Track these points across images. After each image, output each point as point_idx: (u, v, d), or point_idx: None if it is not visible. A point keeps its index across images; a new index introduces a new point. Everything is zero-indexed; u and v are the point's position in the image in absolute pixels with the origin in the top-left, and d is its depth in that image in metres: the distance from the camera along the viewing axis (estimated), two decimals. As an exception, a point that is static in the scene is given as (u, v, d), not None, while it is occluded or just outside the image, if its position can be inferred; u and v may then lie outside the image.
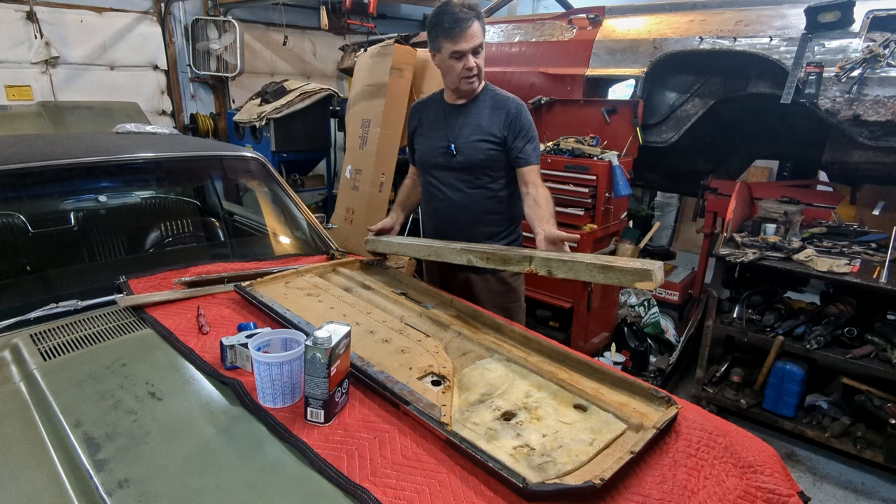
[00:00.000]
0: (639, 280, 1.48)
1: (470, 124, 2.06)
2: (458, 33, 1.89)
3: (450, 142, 2.07)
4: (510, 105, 2.04)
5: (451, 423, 1.19)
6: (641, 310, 4.09)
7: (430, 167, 2.17)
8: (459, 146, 2.06)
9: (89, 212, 2.36)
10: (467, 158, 2.06)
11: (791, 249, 2.82)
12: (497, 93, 2.10)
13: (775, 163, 5.41)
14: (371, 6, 5.39)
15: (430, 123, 2.17)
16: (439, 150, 2.11)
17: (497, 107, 2.05)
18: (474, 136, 2.04)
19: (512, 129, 2.02)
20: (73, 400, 1.25)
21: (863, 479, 2.77)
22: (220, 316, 1.69)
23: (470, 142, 2.05)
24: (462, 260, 1.88)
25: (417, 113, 2.23)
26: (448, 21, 1.89)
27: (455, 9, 1.88)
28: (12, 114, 3.39)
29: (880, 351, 2.66)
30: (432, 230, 2.27)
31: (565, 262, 1.60)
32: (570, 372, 1.47)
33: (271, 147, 4.95)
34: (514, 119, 2.02)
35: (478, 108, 2.07)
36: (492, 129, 2.03)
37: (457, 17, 1.87)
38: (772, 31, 3.08)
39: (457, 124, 2.08)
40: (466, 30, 1.88)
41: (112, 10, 5.25)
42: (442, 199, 2.16)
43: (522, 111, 2.05)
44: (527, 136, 2.04)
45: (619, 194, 3.37)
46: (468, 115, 2.07)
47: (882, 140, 2.77)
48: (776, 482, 1.20)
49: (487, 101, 2.07)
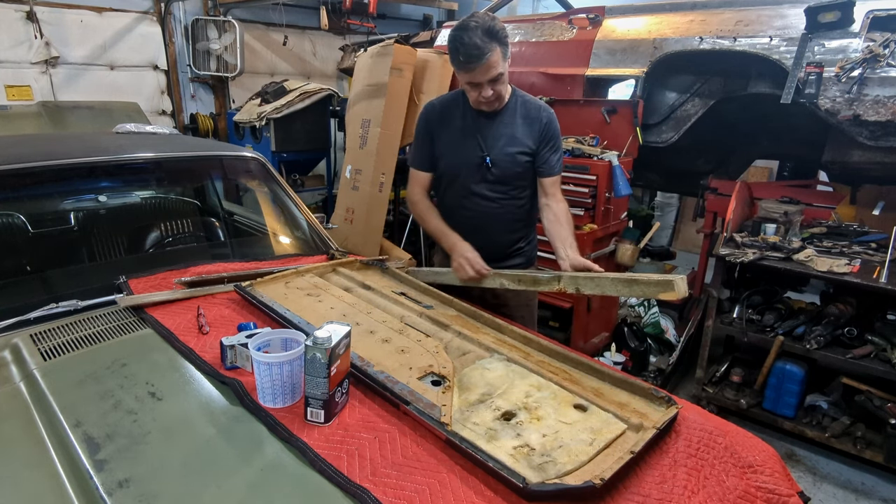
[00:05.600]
0: (662, 291, 1.55)
1: (504, 135, 1.99)
2: (472, 69, 1.81)
3: (484, 153, 2.00)
4: (543, 115, 2.01)
5: (451, 423, 1.19)
6: (641, 310, 4.10)
7: (461, 177, 2.08)
8: (495, 158, 1.99)
9: (89, 212, 2.36)
10: (504, 171, 2.01)
11: (791, 249, 2.82)
12: (527, 100, 2.04)
13: (775, 163, 5.41)
14: (371, 6, 5.40)
15: (455, 130, 2.05)
16: (473, 161, 2.02)
17: (529, 116, 2.00)
18: (511, 147, 1.99)
19: (543, 138, 1.99)
20: (73, 400, 1.26)
21: (863, 479, 2.77)
22: (220, 316, 1.69)
23: (507, 154, 1.99)
24: (496, 284, 1.93)
25: (437, 115, 2.10)
26: (462, 55, 1.79)
27: (470, 42, 1.76)
28: (12, 114, 3.39)
29: (880, 351, 2.65)
30: None
31: (592, 279, 1.73)
32: (570, 372, 1.47)
33: (271, 147, 4.95)
34: (546, 128, 1.99)
35: (509, 116, 2.00)
36: (527, 140, 1.99)
37: (470, 53, 1.77)
38: (772, 31, 3.08)
39: (490, 134, 2.00)
40: (481, 65, 1.79)
41: (112, 10, 5.26)
42: (473, 208, 2.09)
43: (553, 120, 2.02)
44: (554, 146, 2.01)
45: (619, 194, 3.37)
46: (500, 125, 2.00)
47: (882, 140, 2.77)
48: (776, 482, 1.20)
49: (518, 108, 2.01)
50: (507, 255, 2.16)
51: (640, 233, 4.12)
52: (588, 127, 3.73)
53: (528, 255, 2.21)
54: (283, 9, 5.73)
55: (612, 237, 3.67)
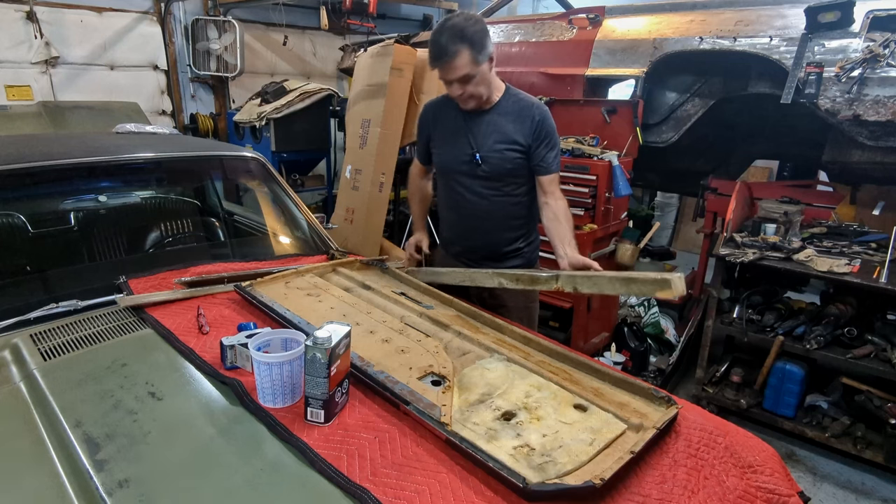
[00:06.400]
0: (659, 289, 1.55)
1: (494, 132, 2.00)
2: (440, 65, 1.85)
3: (474, 150, 2.01)
4: (535, 112, 1.99)
5: (451, 423, 1.19)
6: (641, 310, 4.09)
7: (454, 174, 2.11)
8: (485, 155, 2.00)
9: (89, 212, 2.36)
10: (494, 168, 2.01)
11: (791, 249, 2.82)
12: (520, 98, 2.03)
13: (775, 163, 5.41)
14: (371, 6, 5.40)
15: (448, 128, 2.09)
16: (463, 158, 2.04)
17: (521, 113, 2.00)
18: (500, 144, 1.99)
19: (536, 136, 1.98)
20: (73, 400, 1.25)
21: (863, 479, 2.77)
22: (220, 316, 1.69)
23: (496, 150, 2.00)
24: (494, 283, 1.93)
25: (432, 114, 2.16)
26: (433, 51, 1.84)
27: (436, 42, 1.82)
28: (12, 114, 3.39)
29: (880, 351, 2.65)
30: (454, 236, 2.24)
31: (589, 277, 1.73)
32: (570, 372, 1.47)
33: (271, 147, 4.95)
34: (539, 126, 1.98)
35: (500, 114, 2.01)
36: (517, 137, 1.98)
37: (441, 49, 1.81)
38: (772, 31, 3.08)
39: (480, 132, 2.01)
40: (448, 63, 1.82)
41: (112, 10, 5.25)
42: (466, 205, 2.11)
43: (546, 118, 2.00)
44: (549, 143, 2.00)
45: (619, 194, 3.37)
46: (491, 123, 2.01)
47: (882, 140, 2.77)
48: (776, 482, 1.20)
49: (510, 106, 2.01)
50: (505, 254, 2.15)
51: (640, 233, 4.13)
52: (588, 127, 3.73)
53: (527, 257, 2.19)
54: (283, 9, 5.73)
55: (612, 237, 3.67)
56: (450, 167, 2.12)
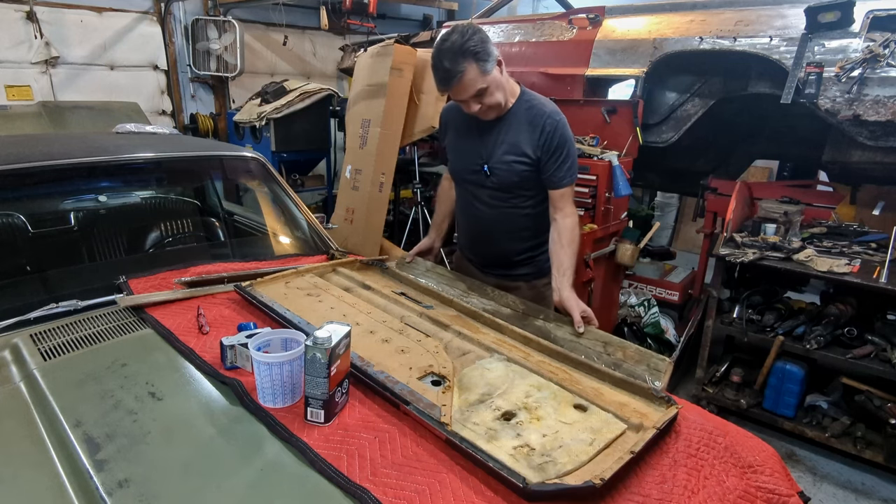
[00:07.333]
0: None
1: (504, 142, 1.94)
2: (449, 88, 1.80)
3: (483, 161, 1.97)
4: (546, 122, 1.90)
5: (451, 423, 1.19)
6: (641, 310, 4.09)
7: (465, 182, 2.09)
8: (493, 166, 1.96)
9: (89, 212, 2.36)
10: (502, 180, 1.96)
11: (791, 249, 2.82)
12: (534, 104, 1.94)
13: (775, 163, 5.40)
14: (371, 6, 5.40)
15: (461, 134, 2.05)
16: (472, 167, 2.01)
17: (533, 122, 1.91)
18: (509, 155, 1.93)
19: (546, 149, 1.90)
20: (73, 400, 1.25)
21: (863, 479, 2.77)
22: (220, 316, 1.69)
23: (504, 162, 1.94)
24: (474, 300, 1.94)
25: (447, 118, 2.13)
26: (439, 77, 1.79)
27: (440, 66, 1.75)
28: (12, 114, 3.39)
29: (880, 351, 2.65)
30: (467, 241, 2.24)
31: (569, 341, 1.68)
32: (570, 372, 1.47)
33: (271, 147, 4.95)
34: (549, 139, 1.89)
35: (513, 122, 1.93)
36: (526, 148, 1.91)
37: (446, 72, 1.75)
38: (772, 31, 3.08)
39: (490, 140, 1.96)
40: (458, 84, 1.76)
41: (112, 10, 5.25)
42: (475, 213, 2.09)
43: (558, 128, 1.90)
44: (560, 156, 1.91)
45: (619, 194, 3.37)
46: (502, 132, 1.94)
47: (882, 140, 2.76)
48: (776, 482, 1.20)
49: (523, 114, 1.93)
50: (515, 263, 2.12)
51: (640, 233, 4.11)
52: (588, 127, 3.72)
53: (539, 266, 2.12)
54: (283, 9, 5.73)
55: (612, 237, 3.66)
56: (461, 175, 2.11)
